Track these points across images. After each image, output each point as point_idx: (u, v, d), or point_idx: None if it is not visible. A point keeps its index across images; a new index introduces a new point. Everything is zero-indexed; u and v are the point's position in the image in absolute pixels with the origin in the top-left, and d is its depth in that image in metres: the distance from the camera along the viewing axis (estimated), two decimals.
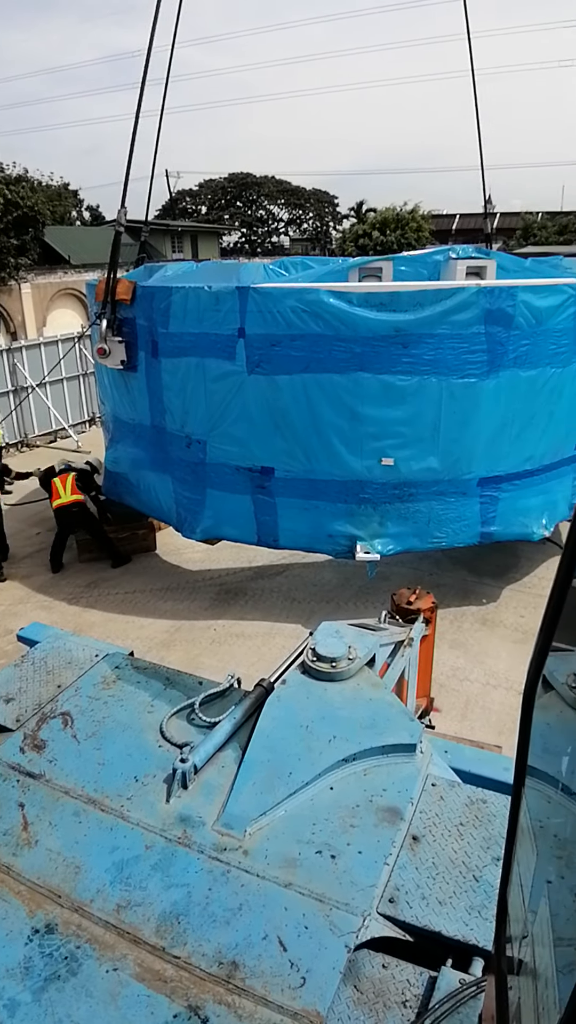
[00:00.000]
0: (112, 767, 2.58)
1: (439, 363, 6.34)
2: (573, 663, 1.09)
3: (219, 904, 2.03)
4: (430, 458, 6.66)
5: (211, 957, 1.89)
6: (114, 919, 2.01)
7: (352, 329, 6.28)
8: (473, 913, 2.00)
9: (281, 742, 2.61)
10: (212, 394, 6.93)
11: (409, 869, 2.15)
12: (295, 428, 6.71)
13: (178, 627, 7.62)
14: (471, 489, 6.86)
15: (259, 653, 7.02)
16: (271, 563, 8.96)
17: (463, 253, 7.91)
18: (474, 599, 7.94)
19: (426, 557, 8.64)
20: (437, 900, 2.05)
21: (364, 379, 6.40)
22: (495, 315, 6.30)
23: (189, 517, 7.67)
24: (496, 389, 6.54)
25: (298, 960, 1.87)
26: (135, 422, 8.12)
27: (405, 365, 6.33)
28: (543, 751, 1.18)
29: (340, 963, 1.86)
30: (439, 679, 6.18)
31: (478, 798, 2.45)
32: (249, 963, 1.87)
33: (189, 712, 2.85)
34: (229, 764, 2.58)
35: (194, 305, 6.81)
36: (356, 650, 3.07)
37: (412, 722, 2.77)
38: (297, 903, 2.03)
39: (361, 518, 6.87)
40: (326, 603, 7.97)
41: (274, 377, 6.58)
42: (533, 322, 6.45)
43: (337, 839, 2.24)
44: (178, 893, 2.07)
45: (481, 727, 5.88)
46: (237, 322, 6.54)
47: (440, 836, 2.27)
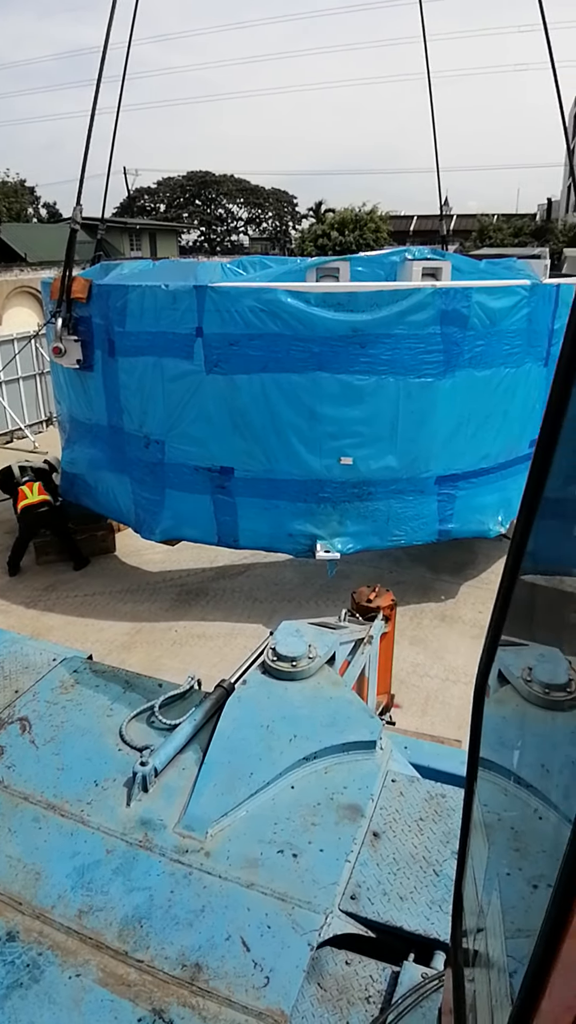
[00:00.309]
0: (71, 772, 2.55)
1: (396, 363, 6.41)
2: (527, 657, 1.11)
3: (181, 906, 2.03)
4: (388, 457, 6.72)
5: (174, 960, 1.88)
6: (76, 925, 1.99)
7: (310, 329, 6.30)
8: (434, 907, 2.03)
9: (242, 743, 2.61)
10: (170, 394, 6.87)
11: (370, 865, 2.17)
12: (254, 428, 6.70)
13: (139, 629, 7.54)
14: (429, 487, 6.95)
15: (221, 654, 6.99)
16: (232, 563, 8.94)
17: (419, 254, 8.00)
18: (433, 596, 8.05)
19: (386, 555, 8.73)
20: (398, 895, 2.07)
21: (322, 379, 6.43)
22: (450, 316, 6.40)
23: (148, 518, 7.60)
24: (452, 389, 6.63)
25: (261, 960, 1.87)
26: (92, 422, 8.01)
27: (363, 365, 6.38)
28: (500, 745, 1.20)
29: (303, 961, 1.87)
30: (399, 675, 6.25)
31: (437, 793, 2.48)
32: (212, 964, 1.87)
33: (149, 715, 2.84)
34: (190, 766, 2.57)
35: (151, 304, 6.75)
36: (316, 649, 3.08)
37: (372, 719, 2.80)
38: (259, 903, 2.03)
39: (321, 517, 6.90)
40: (288, 602, 7.99)
41: (232, 376, 6.57)
42: (487, 323, 6.56)
43: (299, 838, 2.25)
44: (140, 897, 2.06)
45: (441, 722, 5.96)
46: (195, 321, 6.50)
47: (400, 832, 2.30)
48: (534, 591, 1.04)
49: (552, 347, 7.27)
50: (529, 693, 1.06)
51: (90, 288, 7.38)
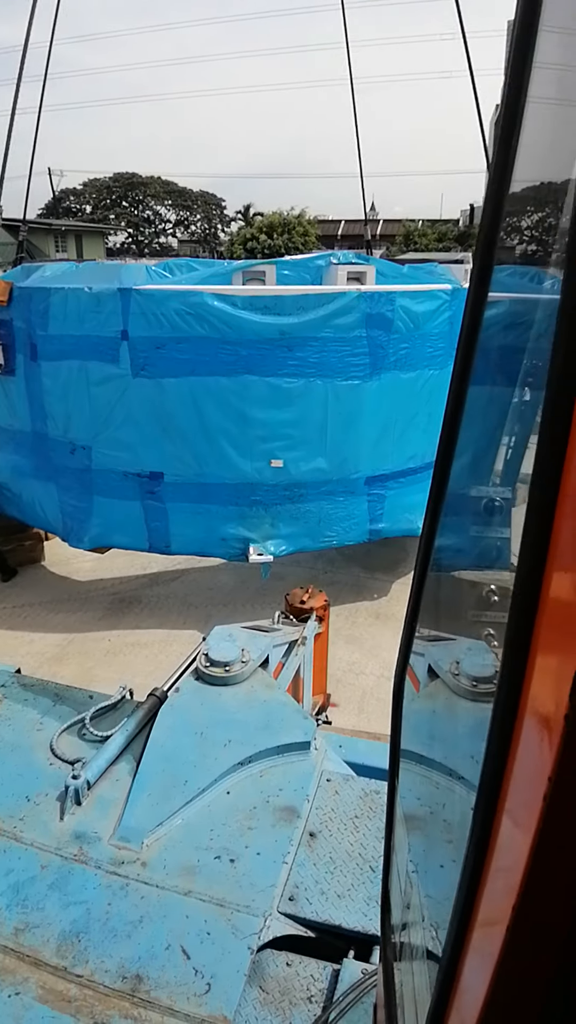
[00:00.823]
0: (2, 788, 2.49)
1: (324, 365, 6.47)
2: (455, 651, 1.14)
3: (119, 918, 2.01)
4: (318, 459, 6.79)
5: (114, 972, 1.87)
6: (12, 943, 1.94)
7: (237, 332, 6.30)
8: (371, 903, 2.06)
9: (176, 751, 2.60)
10: (96, 398, 6.74)
11: (307, 866, 2.19)
12: (183, 431, 6.64)
13: (70, 640, 7.35)
14: (359, 488, 7.05)
15: (156, 661, 6.89)
16: (166, 569, 8.82)
17: (344, 259, 8.11)
18: (367, 594, 8.17)
19: (321, 556, 8.80)
20: (336, 894, 2.10)
21: (251, 382, 6.44)
22: (375, 319, 6.51)
23: (76, 526, 7.43)
24: (379, 390, 6.75)
25: (202, 967, 1.87)
26: (15, 429, 7.76)
27: (291, 368, 6.42)
28: (431, 738, 1.23)
29: (244, 965, 1.88)
30: (336, 674, 6.31)
31: (372, 789, 2.52)
32: (153, 975, 1.86)
33: (80, 727, 2.79)
34: (123, 777, 2.55)
35: (74, 307, 6.60)
36: (249, 653, 3.09)
37: (306, 720, 2.82)
38: (198, 910, 2.03)
39: (253, 520, 6.90)
40: (223, 607, 7.95)
41: (160, 380, 6.49)
42: (411, 326, 6.71)
43: (235, 843, 2.26)
44: (77, 911, 2.03)
45: (377, 719, 6.04)
46: (120, 324, 6.40)
47: (336, 830, 2.33)
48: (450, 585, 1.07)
49: None
50: (457, 686, 1.09)
51: (10, 291, 7.16)
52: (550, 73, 0.67)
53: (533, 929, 0.52)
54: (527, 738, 0.51)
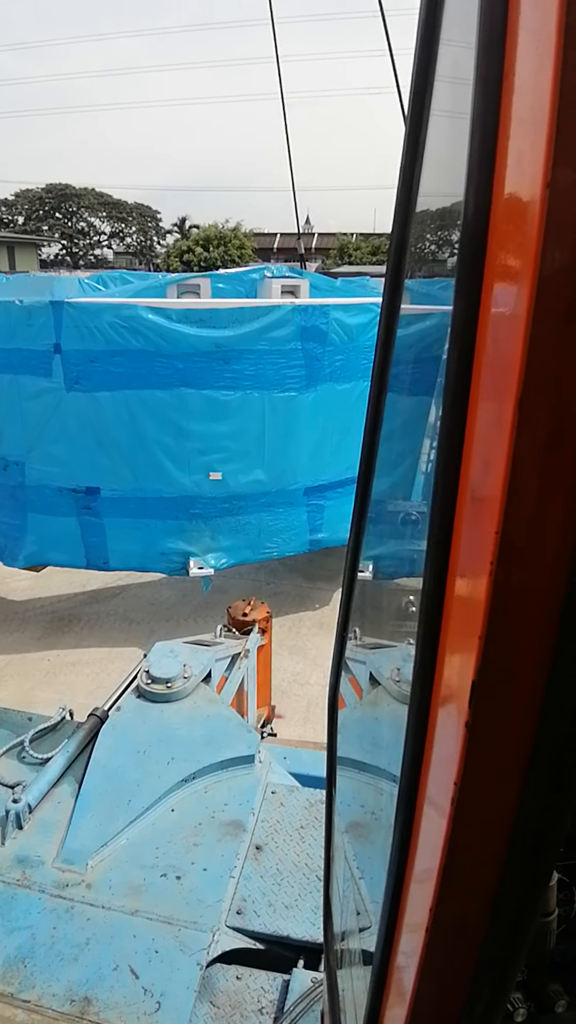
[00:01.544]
0: None
1: (260, 378, 6.52)
2: (396, 658, 1.17)
3: (65, 941, 1.97)
4: (257, 471, 6.81)
5: (62, 996, 1.83)
6: None
7: (173, 345, 6.28)
8: (318, 913, 2.08)
9: (118, 770, 2.56)
10: (28, 413, 6.60)
11: (254, 879, 2.19)
12: (120, 445, 6.57)
13: (8, 661, 7.14)
14: (298, 499, 7.11)
15: (98, 680, 6.76)
16: (106, 585, 8.67)
17: (278, 272, 8.20)
18: (310, 604, 8.21)
19: (263, 567, 8.81)
20: (283, 905, 2.10)
21: (188, 394, 6.42)
22: (310, 332, 6.60)
23: (10, 544, 7.23)
24: (315, 402, 6.84)
25: (151, 985, 1.86)
26: None
27: (228, 380, 6.44)
28: (374, 746, 1.25)
29: (194, 982, 1.87)
30: (281, 686, 6.31)
31: (317, 799, 2.54)
32: (102, 996, 1.83)
33: (19, 750, 2.72)
34: (66, 799, 2.50)
35: (4, 320, 6.45)
36: (191, 668, 3.07)
37: (250, 734, 2.82)
38: (145, 929, 2.01)
39: (193, 533, 6.87)
40: (165, 622, 7.86)
41: (94, 394, 6.41)
42: (345, 338, 6.83)
43: (181, 859, 2.24)
44: (21, 936, 1.99)
45: (323, 728, 6.02)
46: (52, 338, 6.29)
47: (282, 842, 2.34)
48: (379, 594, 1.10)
49: None
50: (399, 693, 1.11)
51: None
52: (449, 87, 0.70)
53: (449, 934, 0.55)
54: (439, 743, 0.53)
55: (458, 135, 0.48)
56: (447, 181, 0.57)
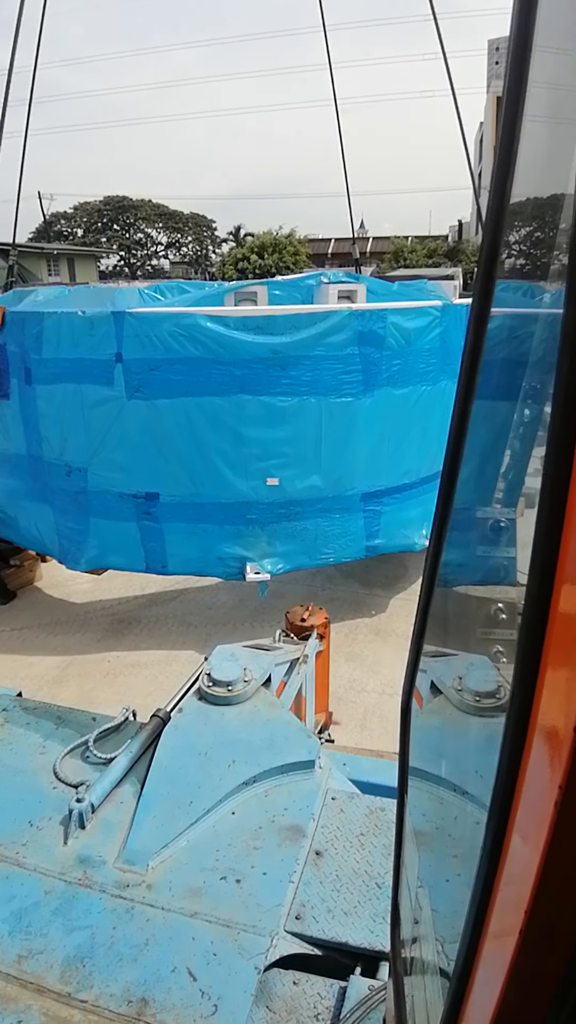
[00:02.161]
0: (4, 814, 2.47)
1: (317, 383, 6.53)
2: (457, 667, 1.15)
3: (124, 942, 1.99)
4: (313, 476, 6.82)
5: (120, 997, 1.85)
6: (15, 970, 1.92)
7: (231, 352, 6.35)
8: (377, 920, 2.05)
9: (180, 772, 2.59)
10: (91, 421, 6.77)
11: (314, 884, 2.18)
12: (179, 452, 6.67)
13: (70, 662, 7.32)
14: (354, 505, 7.08)
15: (156, 682, 6.87)
16: (164, 589, 8.82)
17: (334, 278, 8.20)
18: (366, 611, 8.16)
19: (319, 572, 8.80)
20: (342, 911, 2.09)
21: (245, 401, 6.48)
22: (367, 336, 6.58)
23: (72, 548, 7.42)
24: (372, 407, 6.80)
25: (208, 988, 1.86)
26: (10, 452, 7.79)
27: (284, 386, 6.47)
28: (435, 754, 1.24)
29: (251, 986, 1.86)
30: (337, 692, 6.29)
31: (377, 807, 2.52)
32: (159, 998, 1.84)
33: (83, 750, 2.78)
34: (128, 799, 2.53)
35: (68, 330, 6.66)
36: (251, 672, 3.09)
37: (310, 739, 2.82)
38: (204, 931, 2.02)
39: (249, 539, 6.91)
40: (222, 626, 7.93)
41: (154, 401, 6.53)
42: (403, 343, 6.78)
43: (241, 863, 2.25)
44: (81, 936, 2.01)
45: (379, 736, 6.02)
46: (114, 347, 6.45)
47: (342, 848, 2.32)
48: (456, 601, 1.08)
49: None
50: (461, 701, 1.10)
51: (3, 315, 7.21)
52: (545, 92, 0.69)
53: (540, 941, 0.54)
54: (537, 752, 0.52)
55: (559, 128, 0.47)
56: (549, 181, 0.57)
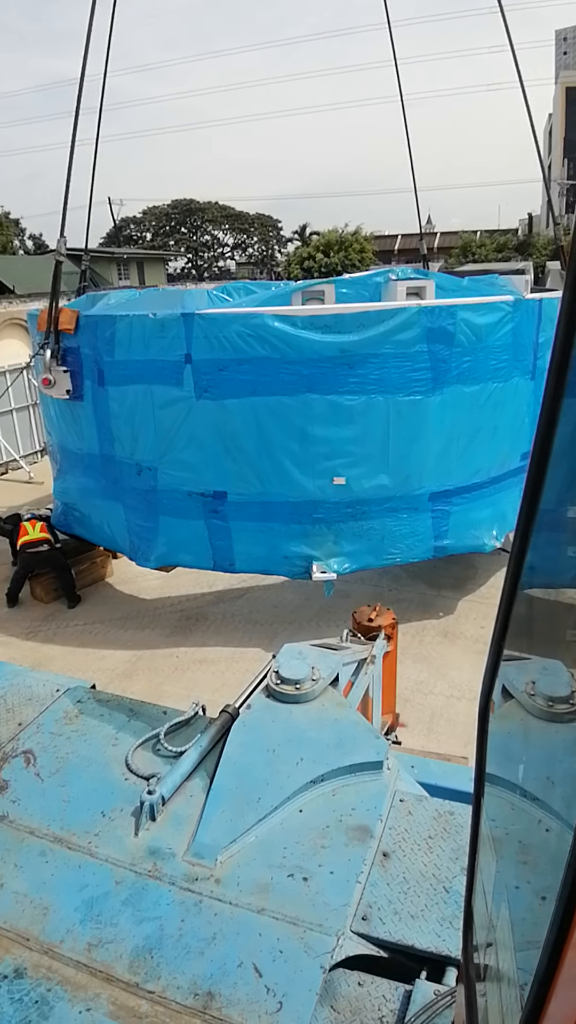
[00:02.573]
0: (78, 803, 2.52)
1: (385, 382, 6.46)
2: (530, 671, 1.12)
3: (192, 935, 2.01)
4: (381, 475, 6.76)
5: (186, 989, 1.86)
6: (85, 958, 1.96)
7: (298, 351, 6.36)
8: (445, 924, 2.02)
9: (248, 767, 2.60)
10: (161, 420, 6.91)
11: (381, 886, 2.15)
12: (246, 451, 6.74)
13: (139, 656, 7.51)
14: (422, 504, 6.98)
15: (223, 678, 6.96)
16: (231, 587, 8.92)
17: (403, 274, 8.12)
18: (434, 612, 8.05)
19: (385, 572, 8.73)
20: (409, 914, 2.06)
21: (313, 400, 6.48)
22: (436, 333, 6.47)
23: (143, 545, 7.60)
24: (441, 405, 6.69)
25: (274, 985, 1.86)
26: (83, 451, 8.03)
27: (352, 385, 6.44)
28: (506, 759, 1.20)
29: (316, 985, 1.85)
30: (403, 694, 6.23)
31: (445, 810, 2.47)
32: (225, 992, 1.85)
33: (154, 743, 2.81)
34: (197, 793, 2.56)
35: (139, 333, 6.81)
36: (319, 671, 3.07)
37: (378, 740, 2.79)
38: (271, 928, 2.02)
39: (316, 538, 6.91)
40: (288, 624, 7.97)
41: (223, 401, 6.61)
42: (473, 339, 6.64)
43: (308, 861, 2.24)
44: (150, 927, 2.04)
45: (447, 739, 5.93)
46: (183, 348, 6.56)
47: (410, 851, 2.29)
48: (534, 604, 1.05)
49: (538, 360, 7.35)
50: (533, 707, 1.06)
51: (77, 319, 7.44)
52: None
53: None
54: None
55: None
56: None
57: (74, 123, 7.51)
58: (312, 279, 16.50)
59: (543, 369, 7.46)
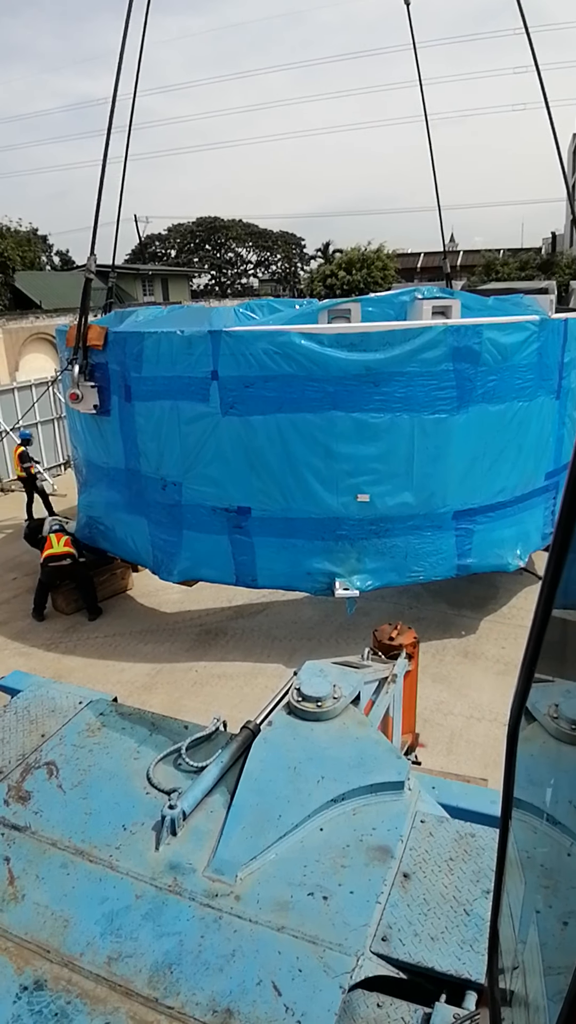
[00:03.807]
0: (99, 816, 2.53)
1: (410, 400, 6.48)
2: (554, 694, 1.12)
3: (212, 951, 2.00)
4: (405, 493, 6.76)
5: (205, 1006, 1.85)
6: (105, 972, 1.96)
7: (324, 369, 6.41)
8: (465, 947, 2.00)
9: (269, 784, 2.59)
10: (187, 436, 6.98)
11: (401, 907, 2.14)
12: (271, 467, 6.77)
13: (159, 670, 7.53)
14: (446, 522, 6.96)
15: (242, 694, 6.96)
16: (251, 602, 8.93)
17: (428, 293, 8.15)
18: (455, 632, 7.98)
19: (406, 591, 8.69)
20: (429, 936, 2.04)
21: (337, 417, 6.51)
22: (462, 352, 6.49)
23: (166, 559, 7.64)
24: (466, 424, 6.69)
25: (293, 1004, 1.85)
26: (109, 466, 8.13)
27: (377, 403, 6.47)
28: (528, 782, 1.20)
29: (335, 1005, 1.84)
30: (423, 714, 6.18)
31: (467, 832, 2.45)
32: (244, 1010, 1.84)
33: (176, 757, 2.82)
34: (218, 809, 2.55)
35: (167, 349, 6.90)
36: (341, 689, 3.07)
37: (399, 759, 2.77)
38: (290, 946, 2.01)
39: (339, 555, 6.91)
40: (307, 641, 7.95)
41: (248, 418, 6.67)
42: (499, 358, 6.65)
43: (328, 880, 2.23)
44: (170, 942, 2.03)
45: (467, 761, 5.87)
46: (210, 365, 6.64)
47: (431, 872, 2.27)
48: (564, 626, 1.06)
49: (563, 380, 7.33)
50: (556, 730, 1.06)
51: (106, 335, 7.56)
52: None
53: None
54: None
55: None
56: None
57: (105, 143, 7.68)
58: (335, 296, 16.62)
59: (568, 389, 7.44)
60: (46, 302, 25.22)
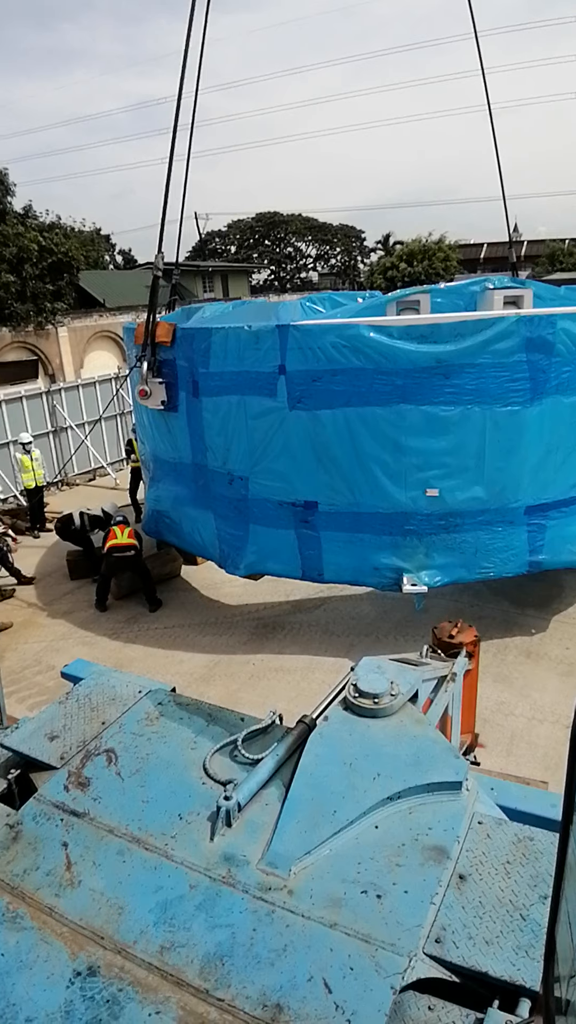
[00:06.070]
0: (156, 805, 2.55)
1: (482, 392, 6.32)
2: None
3: (264, 945, 1.99)
4: (475, 488, 6.60)
5: (255, 999, 1.84)
6: (157, 961, 1.97)
7: (393, 362, 6.31)
8: (520, 953, 1.93)
9: (325, 779, 2.57)
10: (254, 431, 7.00)
11: (455, 908, 2.09)
12: (338, 462, 6.72)
13: (217, 662, 7.61)
14: (518, 518, 6.76)
15: (298, 688, 6.97)
16: (309, 596, 8.92)
17: (499, 283, 7.93)
18: (517, 631, 7.77)
19: (467, 589, 8.50)
20: (484, 940, 1.99)
21: (407, 411, 6.41)
22: (536, 343, 6.28)
23: (232, 553, 7.70)
24: (540, 416, 6.48)
25: (343, 1002, 1.82)
26: (176, 461, 8.25)
27: (448, 395, 6.33)
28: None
29: (386, 1005, 1.81)
30: (483, 714, 6.05)
31: (525, 836, 2.37)
32: (294, 1005, 1.82)
33: (232, 749, 2.82)
34: (273, 802, 2.54)
35: (234, 344, 6.93)
36: (398, 686, 3.02)
37: (457, 759, 2.71)
38: (342, 944, 1.98)
39: (407, 550, 6.81)
40: (365, 636, 7.89)
41: (316, 412, 6.63)
42: (573, 348, 6.40)
43: (383, 878, 2.19)
44: (222, 934, 2.03)
45: (527, 762, 5.71)
46: (278, 359, 6.63)
47: (487, 875, 2.21)
48: None
49: None
50: None
51: (174, 332, 7.65)
52: None
53: None
54: None
55: None
56: None
57: (171, 142, 7.76)
58: (395, 289, 16.34)
59: None
60: (109, 300, 25.79)
